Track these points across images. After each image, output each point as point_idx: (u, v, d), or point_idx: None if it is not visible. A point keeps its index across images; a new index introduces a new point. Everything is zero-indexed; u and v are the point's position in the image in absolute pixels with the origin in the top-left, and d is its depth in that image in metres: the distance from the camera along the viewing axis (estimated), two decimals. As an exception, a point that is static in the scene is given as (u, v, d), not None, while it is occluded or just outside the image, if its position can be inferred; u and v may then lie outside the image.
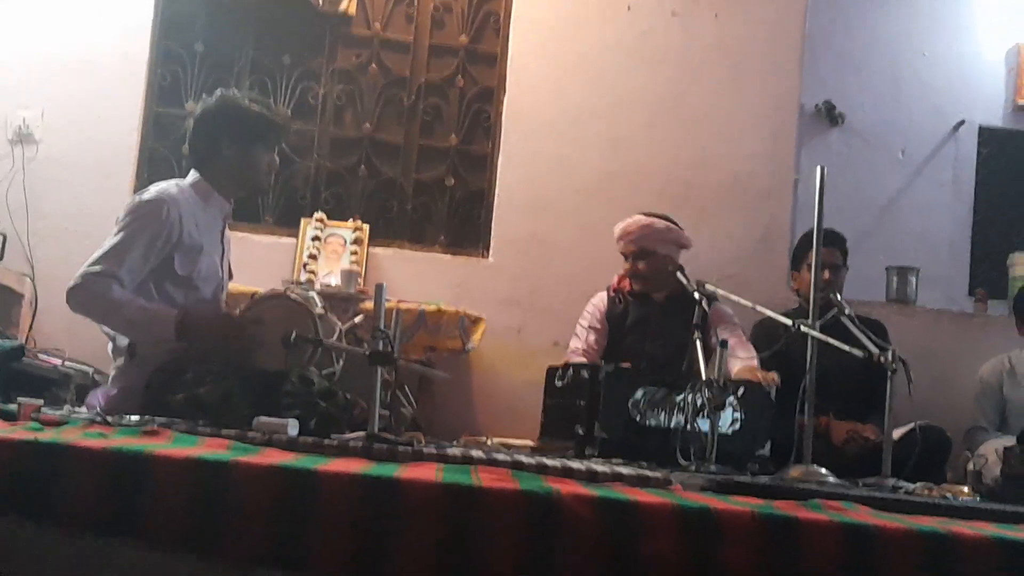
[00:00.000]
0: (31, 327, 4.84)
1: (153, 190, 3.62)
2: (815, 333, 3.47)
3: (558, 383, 3.90)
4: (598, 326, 4.64)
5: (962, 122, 6.13)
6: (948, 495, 3.10)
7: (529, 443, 3.94)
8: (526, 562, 1.90)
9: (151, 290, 3.51)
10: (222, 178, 3.75)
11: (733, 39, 5.73)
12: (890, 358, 3.45)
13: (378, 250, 5.43)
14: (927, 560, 1.99)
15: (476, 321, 4.94)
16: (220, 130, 3.71)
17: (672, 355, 4.26)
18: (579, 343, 4.59)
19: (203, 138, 3.75)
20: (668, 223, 4.65)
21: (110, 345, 3.64)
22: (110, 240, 3.47)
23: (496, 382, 5.32)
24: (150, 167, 5.44)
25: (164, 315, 3.43)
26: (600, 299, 4.71)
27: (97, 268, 3.40)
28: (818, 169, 3.53)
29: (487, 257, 5.55)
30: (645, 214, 4.68)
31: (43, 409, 2.73)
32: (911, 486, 3.22)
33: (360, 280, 5.12)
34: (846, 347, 3.53)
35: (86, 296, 3.39)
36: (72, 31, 5.36)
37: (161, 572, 1.88)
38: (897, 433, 3.96)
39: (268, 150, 3.80)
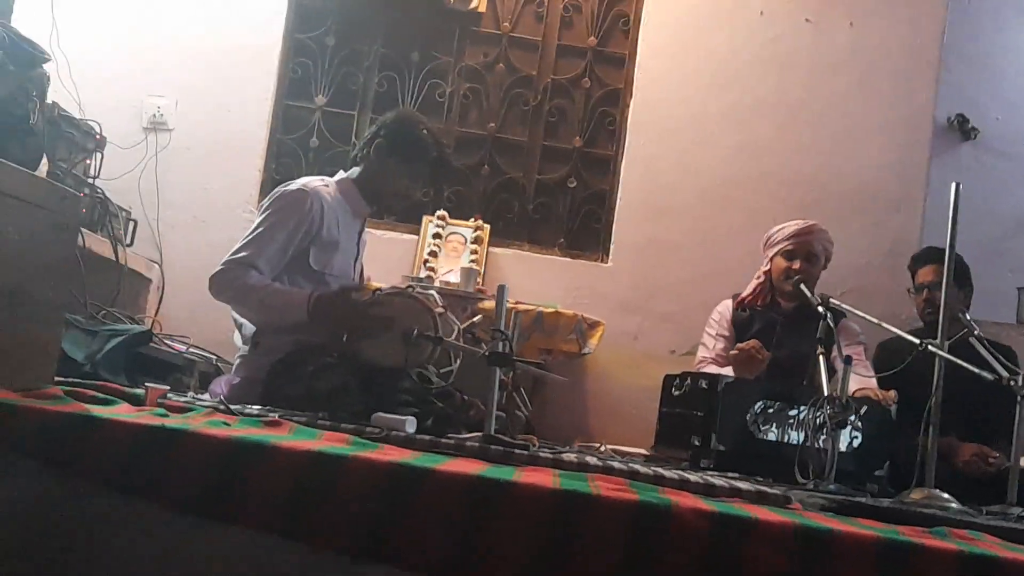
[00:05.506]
0: (157, 312, 4.94)
1: (300, 181, 3.71)
2: (943, 353, 3.38)
3: (675, 392, 3.86)
4: (726, 333, 4.56)
5: (1101, 137, 5.90)
6: (1079, 528, 2.98)
7: (643, 451, 3.91)
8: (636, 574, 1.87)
9: (284, 281, 3.57)
10: (370, 186, 3.82)
11: (867, 48, 5.62)
12: (1020, 383, 3.33)
13: (497, 250, 5.44)
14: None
15: (594, 325, 4.91)
16: (394, 149, 3.78)
17: (795, 366, 4.18)
18: (707, 352, 4.54)
19: (375, 146, 3.82)
20: None
21: (235, 334, 3.71)
22: (253, 229, 3.56)
23: (611, 388, 5.29)
24: (278, 159, 5.53)
25: (297, 296, 3.50)
26: (725, 307, 4.65)
27: (238, 256, 3.49)
28: (953, 186, 3.42)
29: (606, 261, 5.52)
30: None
31: (168, 395, 2.78)
32: (1038, 516, 3.11)
33: (479, 279, 5.14)
34: (975, 369, 3.41)
35: (225, 282, 3.48)
36: (207, 22, 5.46)
37: (269, 560, 1.90)
38: (1024, 460, 3.83)
39: (419, 184, 3.94)
